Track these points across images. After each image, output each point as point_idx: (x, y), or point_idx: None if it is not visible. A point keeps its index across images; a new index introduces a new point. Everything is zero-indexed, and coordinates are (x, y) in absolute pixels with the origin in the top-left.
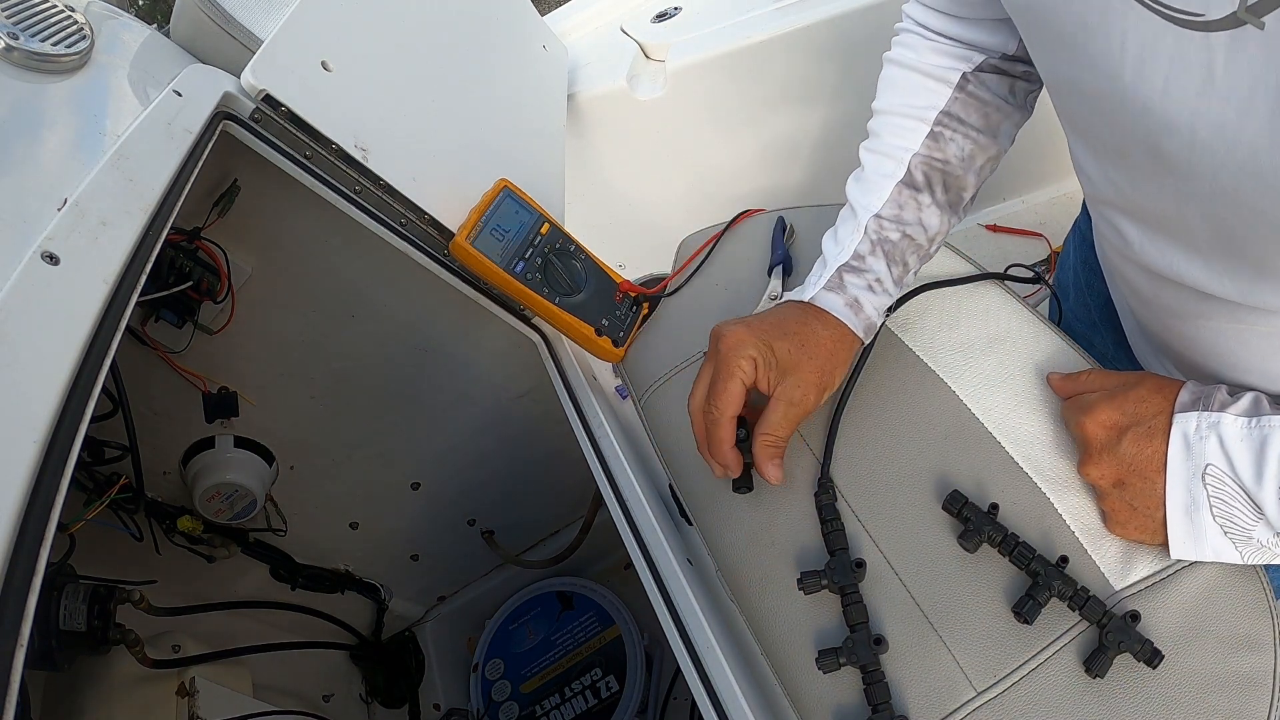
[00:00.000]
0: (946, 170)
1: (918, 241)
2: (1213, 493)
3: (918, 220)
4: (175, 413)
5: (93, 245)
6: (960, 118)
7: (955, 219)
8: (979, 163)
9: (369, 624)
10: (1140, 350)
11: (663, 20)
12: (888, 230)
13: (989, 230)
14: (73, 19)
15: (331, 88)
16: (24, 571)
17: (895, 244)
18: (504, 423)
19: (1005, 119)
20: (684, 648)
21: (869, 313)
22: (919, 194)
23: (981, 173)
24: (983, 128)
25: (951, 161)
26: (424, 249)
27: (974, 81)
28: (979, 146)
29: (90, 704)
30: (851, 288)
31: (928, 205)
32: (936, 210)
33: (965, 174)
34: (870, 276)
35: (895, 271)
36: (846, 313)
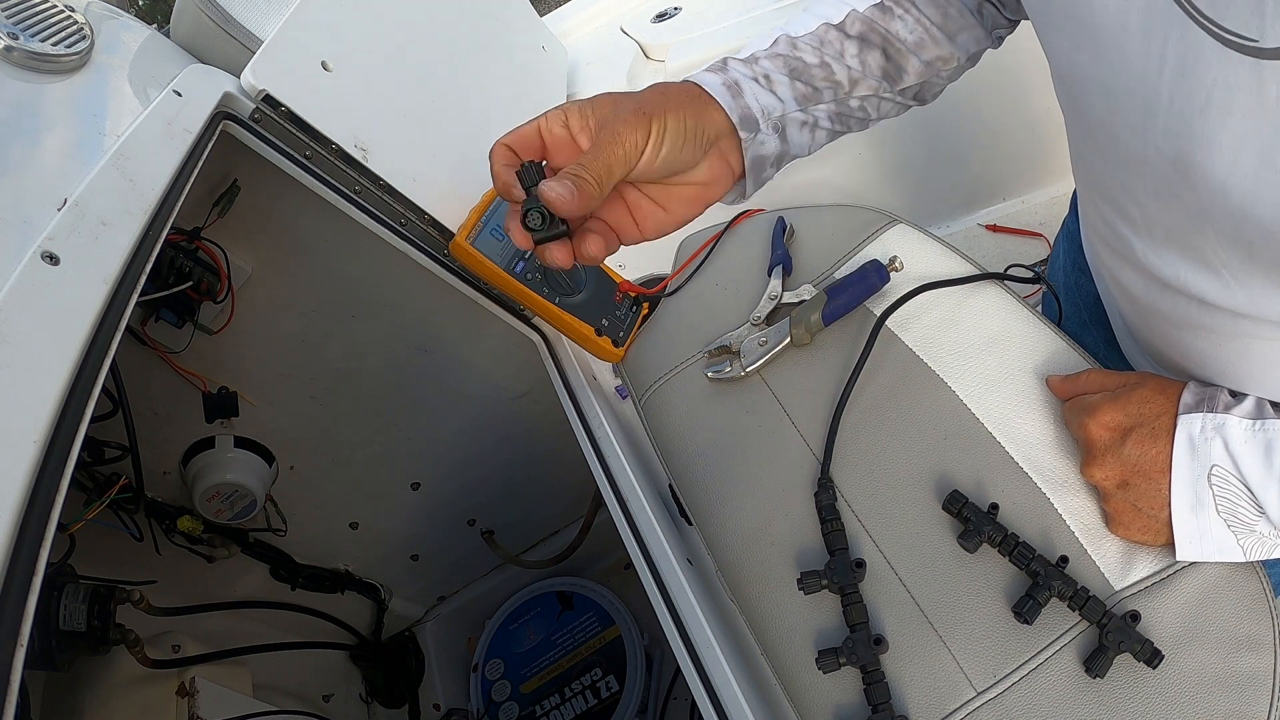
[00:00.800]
0: (888, 39)
1: (834, 76)
2: (1218, 492)
3: (839, 56)
4: (175, 413)
5: (93, 245)
6: (915, 2)
7: (890, 91)
8: (928, 54)
9: (369, 624)
10: (1129, 350)
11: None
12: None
13: (989, 230)
14: (73, 19)
15: (331, 88)
16: (24, 571)
17: (806, 66)
18: (504, 423)
19: (965, 29)
20: (684, 648)
21: (748, 100)
22: (847, 40)
23: (932, 66)
24: (938, 23)
25: (894, 35)
26: (424, 249)
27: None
28: (930, 38)
29: (90, 704)
30: (734, 70)
31: (852, 54)
32: (860, 62)
33: (908, 55)
34: (759, 69)
35: (799, 87)
36: (721, 90)
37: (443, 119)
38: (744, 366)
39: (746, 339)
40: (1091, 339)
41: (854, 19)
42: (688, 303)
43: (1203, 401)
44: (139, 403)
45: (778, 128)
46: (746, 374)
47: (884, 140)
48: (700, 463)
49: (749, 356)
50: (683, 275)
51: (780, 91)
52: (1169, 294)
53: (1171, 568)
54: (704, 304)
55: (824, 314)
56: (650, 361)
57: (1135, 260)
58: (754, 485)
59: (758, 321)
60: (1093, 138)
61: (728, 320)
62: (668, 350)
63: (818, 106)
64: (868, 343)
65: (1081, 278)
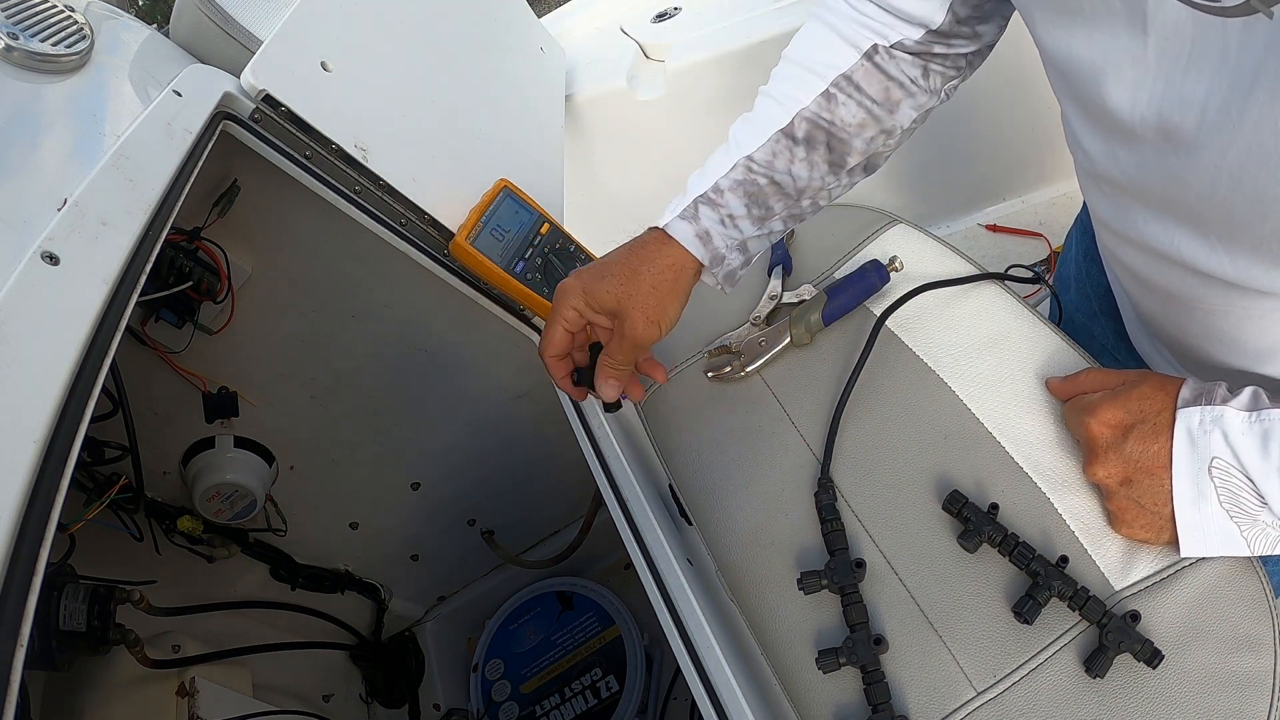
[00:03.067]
0: (832, 131)
1: (785, 190)
2: (1219, 484)
3: (788, 170)
4: (175, 413)
5: (93, 245)
6: (859, 85)
7: (835, 180)
8: (869, 133)
9: (369, 624)
10: (1138, 339)
11: (663, 20)
12: (756, 174)
13: (989, 230)
14: (73, 19)
15: (331, 88)
16: (24, 571)
17: (761, 189)
18: (504, 423)
19: (907, 98)
20: (684, 648)
21: (718, 244)
22: (795, 146)
23: (872, 144)
24: (880, 100)
25: (838, 124)
26: (424, 249)
27: (883, 54)
28: (871, 117)
29: (90, 704)
30: (704, 219)
31: (801, 159)
32: (808, 166)
33: (851, 139)
34: (724, 211)
35: (755, 212)
36: (694, 243)
37: (442, 119)
38: (744, 366)
39: (746, 339)
40: (1101, 330)
41: (800, 120)
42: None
43: (1200, 395)
44: (139, 403)
45: (741, 249)
46: (746, 374)
47: None
48: (700, 463)
49: (749, 356)
50: None
51: (741, 225)
52: (1167, 266)
53: (1172, 568)
54: (704, 304)
55: (824, 314)
56: None
57: (1134, 235)
58: (754, 485)
59: (758, 321)
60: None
61: (728, 320)
62: (668, 350)
63: (772, 220)
64: (868, 343)
65: (1093, 268)
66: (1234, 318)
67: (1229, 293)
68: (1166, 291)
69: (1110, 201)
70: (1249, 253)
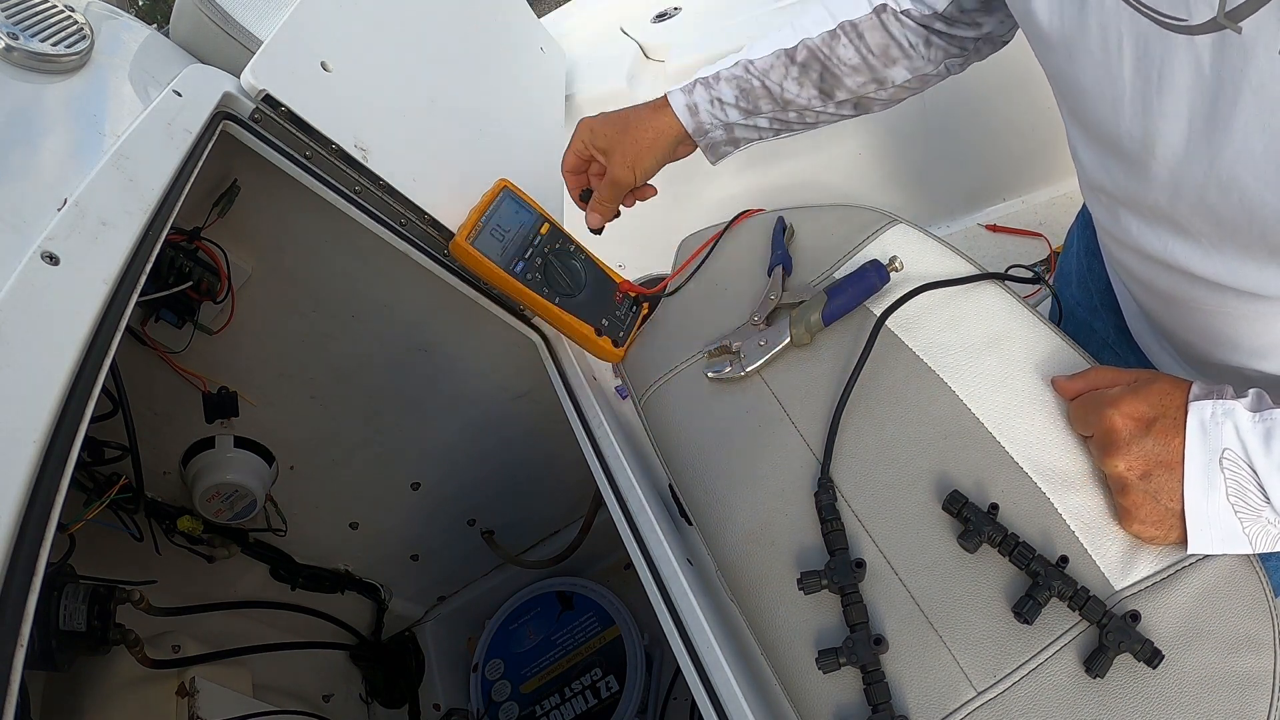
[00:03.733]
0: (827, 64)
1: (774, 97)
2: (1229, 475)
3: (779, 83)
4: (175, 413)
5: (93, 245)
6: (862, 34)
7: (823, 106)
8: (861, 78)
9: (369, 624)
10: (1140, 334)
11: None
12: (751, 74)
13: (989, 230)
14: (73, 19)
15: (331, 88)
16: (24, 571)
17: (753, 89)
18: (504, 423)
19: (903, 59)
20: (684, 648)
21: (703, 118)
22: (791, 66)
23: (863, 88)
24: (878, 52)
25: (834, 60)
26: (424, 249)
27: (890, 15)
28: (865, 64)
29: (90, 704)
30: (697, 95)
31: (793, 78)
32: (798, 85)
33: (843, 77)
34: (714, 94)
35: (743, 104)
36: (684, 111)
37: (442, 119)
38: (744, 366)
39: (746, 339)
40: (1102, 325)
41: (802, 47)
42: (688, 303)
43: (1211, 392)
44: (139, 403)
45: (727, 130)
46: (746, 374)
47: (884, 140)
48: (700, 463)
49: (749, 356)
50: (683, 275)
51: (729, 112)
52: (1161, 270)
53: (1172, 567)
54: (704, 304)
55: (824, 314)
56: (650, 361)
57: (1129, 242)
58: (754, 485)
59: (758, 321)
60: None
61: (728, 320)
62: (668, 350)
63: (758, 116)
64: (868, 343)
65: (1095, 264)
66: (1230, 318)
67: (1223, 295)
68: (1164, 294)
69: (1105, 209)
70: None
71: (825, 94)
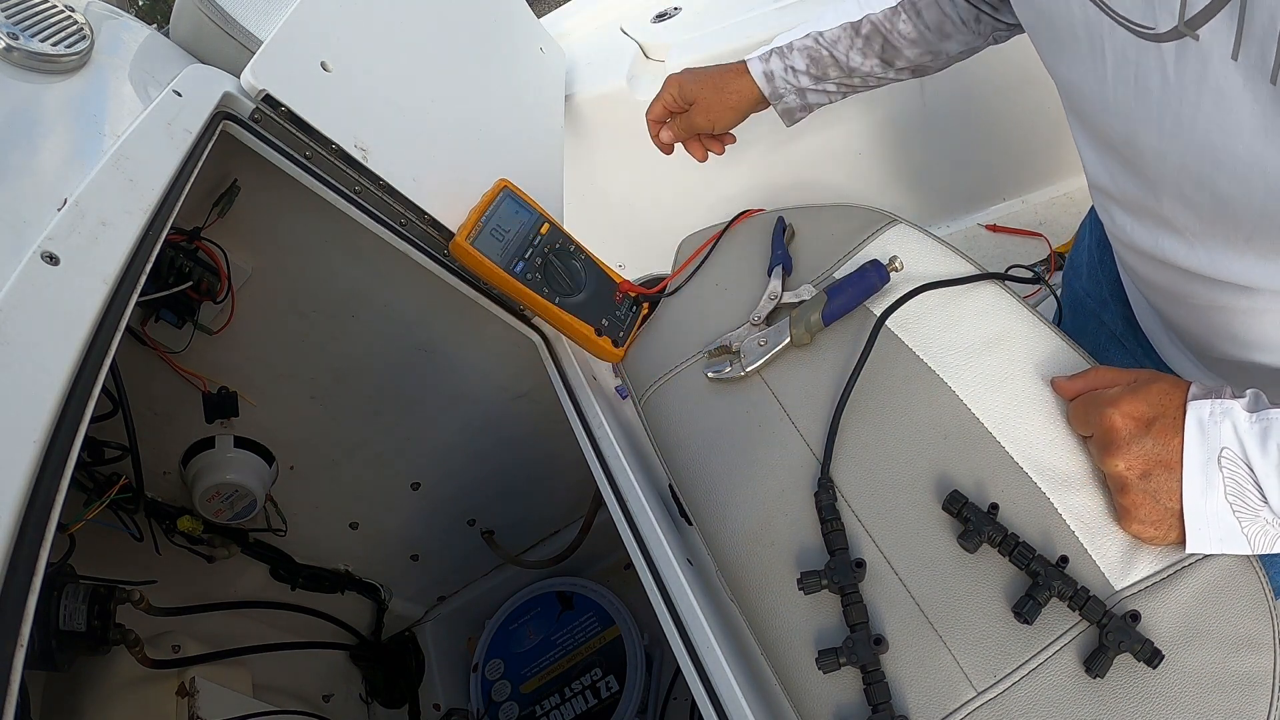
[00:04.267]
0: (888, 37)
1: (840, 65)
2: (1227, 474)
3: (845, 53)
4: (175, 413)
5: (93, 245)
6: (920, 11)
7: (883, 73)
8: (918, 49)
9: (369, 624)
10: (1149, 327)
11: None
12: (821, 45)
13: (989, 230)
14: (73, 19)
15: (331, 88)
16: (24, 571)
17: (822, 58)
18: (504, 423)
19: (956, 34)
20: (684, 648)
21: (778, 84)
22: (856, 38)
23: (920, 58)
24: (933, 28)
25: (895, 34)
26: (424, 249)
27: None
28: (923, 38)
29: (90, 704)
30: (773, 64)
31: (858, 49)
32: (862, 55)
33: (902, 49)
34: (788, 62)
35: (814, 72)
36: (761, 78)
37: (442, 119)
38: (744, 366)
39: (746, 339)
40: (1111, 316)
41: (866, 21)
42: (688, 303)
43: (1210, 392)
44: (139, 403)
45: (800, 95)
46: (746, 374)
47: (884, 140)
48: (700, 463)
49: (749, 356)
50: (683, 275)
51: (800, 78)
52: (1157, 265)
53: (1172, 567)
54: (704, 304)
55: (824, 314)
56: (650, 361)
57: (1126, 237)
58: (754, 485)
59: (758, 321)
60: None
61: (728, 320)
62: (668, 350)
63: (827, 82)
64: (868, 343)
65: (1105, 255)
66: (1225, 313)
67: (1214, 288)
68: (1163, 289)
69: (1102, 206)
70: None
71: (886, 63)
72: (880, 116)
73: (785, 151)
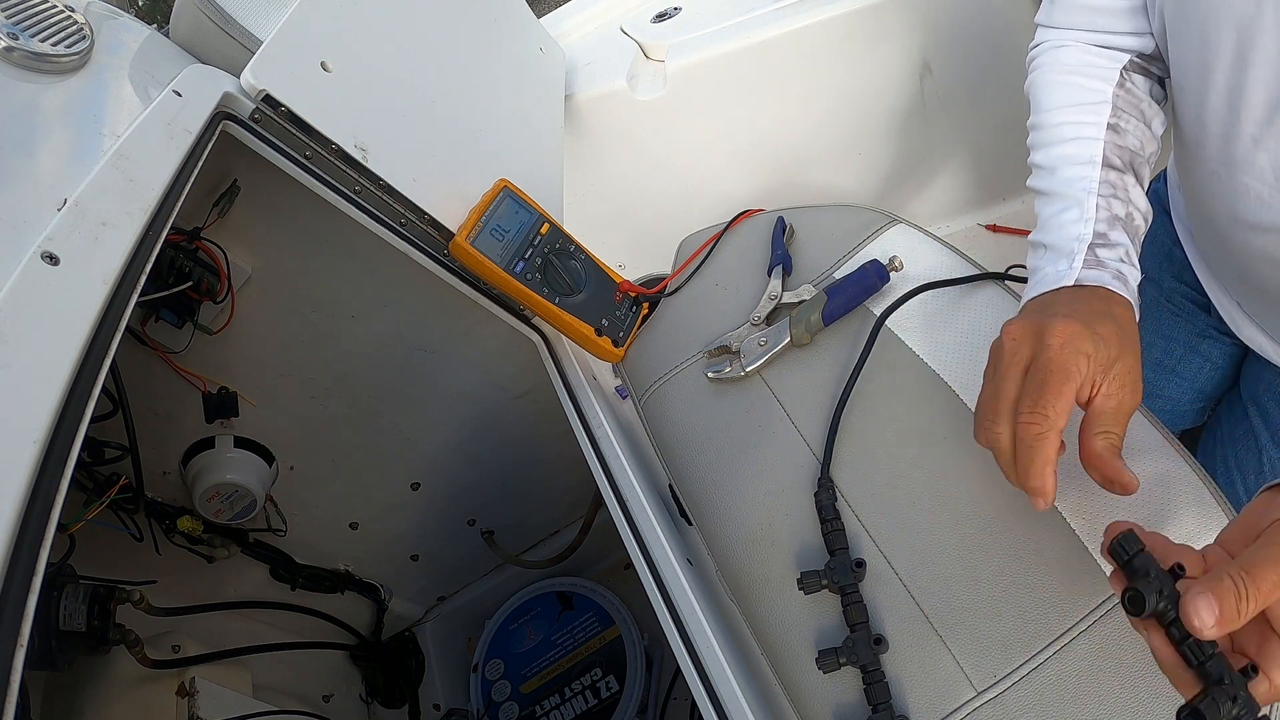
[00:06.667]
0: (1134, 157)
1: (1135, 221)
2: None
3: (1129, 199)
4: (175, 413)
5: (93, 245)
6: (1126, 111)
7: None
8: (1149, 152)
9: (369, 624)
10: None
11: (663, 20)
12: (1115, 207)
13: (989, 230)
14: (73, 19)
15: (331, 88)
16: (24, 571)
17: (1124, 219)
18: (504, 423)
19: (1155, 116)
20: (684, 648)
21: (1132, 285)
22: (1124, 175)
23: (1151, 162)
24: (1142, 120)
25: (1133, 149)
26: (424, 249)
27: (1128, 79)
28: (1146, 138)
29: (90, 704)
30: (1110, 262)
31: (1134, 186)
32: (1140, 192)
33: (1145, 164)
34: (1120, 250)
35: (1136, 246)
36: (1117, 285)
37: (443, 119)
38: (744, 366)
39: (746, 339)
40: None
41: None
42: (688, 303)
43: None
44: (139, 403)
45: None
46: (746, 374)
47: (884, 140)
48: (700, 463)
49: (749, 356)
50: (683, 275)
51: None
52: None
53: None
54: (704, 304)
55: (824, 314)
56: (650, 361)
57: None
58: (754, 485)
59: (758, 321)
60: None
61: (728, 320)
62: (668, 350)
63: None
64: (868, 343)
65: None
66: None
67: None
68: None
69: (1237, 190)
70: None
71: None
72: (880, 116)
73: (785, 151)
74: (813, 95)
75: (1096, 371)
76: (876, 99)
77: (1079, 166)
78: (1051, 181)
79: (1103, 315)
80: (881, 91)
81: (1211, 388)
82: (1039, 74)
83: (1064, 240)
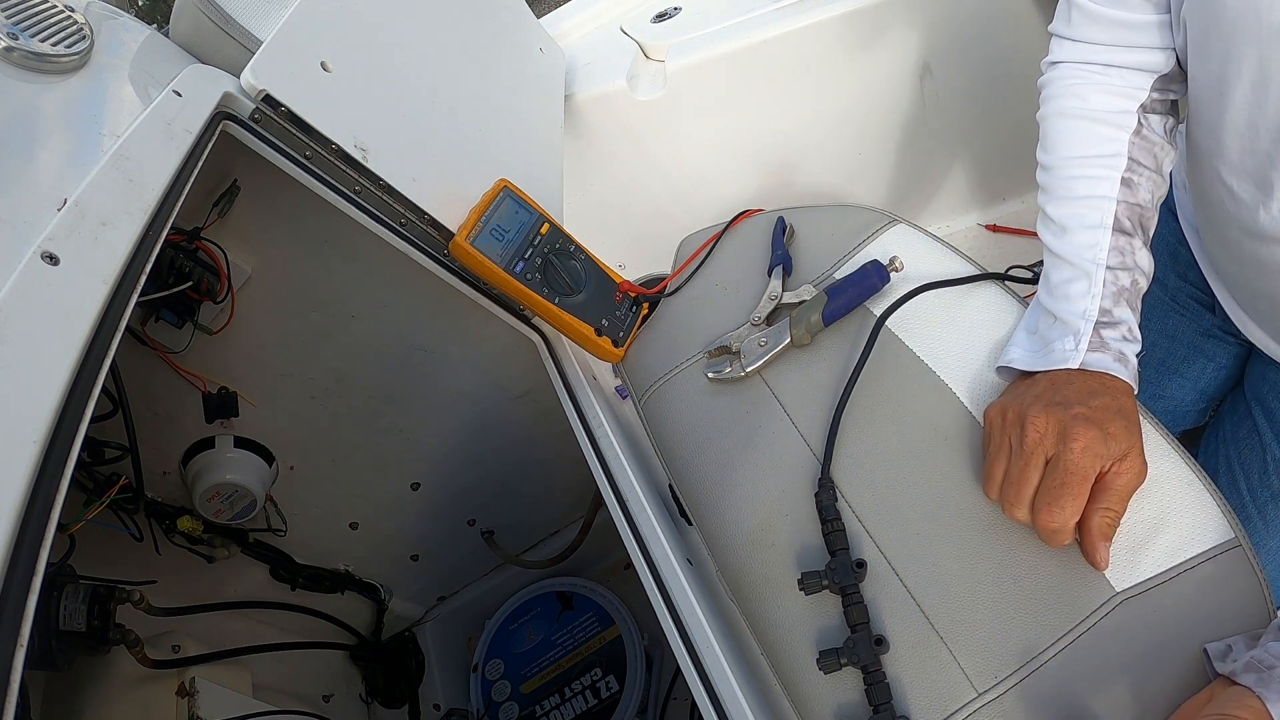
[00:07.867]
0: (1143, 214)
1: (1139, 286)
2: None
3: (1135, 264)
4: (175, 413)
5: (93, 245)
6: (1140, 161)
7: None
8: (1158, 199)
9: (369, 624)
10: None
11: (663, 20)
12: (1121, 279)
13: (989, 230)
14: (72, 19)
15: (331, 88)
16: (24, 571)
17: (1129, 289)
18: (504, 423)
19: (1166, 157)
20: (684, 648)
21: (1132, 362)
22: (1131, 239)
23: (1158, 207)
24: (1155, 168)
25: (1144, 204)
26: (424, 249)
27: (1144, 124)
28: (1157, 185)
29: (90, 704)
30: (1113, 343)
31: (1140, 249)
32: (1146, 252)
33: (1153, 214)
34: (1123, 328)
35: (1137, 313)
36: (1119, 368)
37: (443, 119)
38: (744, 367)
39: (746, 339)
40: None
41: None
42: (688, 303)
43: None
44: (139, 403)
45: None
46: (746, 374)
47: (884, 140)
48: (700, 463)
49: (749, 357)
50: (683, 275)
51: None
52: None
53: (1177, 569)
54: (704, 304)
55: (824, 314)
56: (650, 361)
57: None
58: (754, 485)
59: (758, 321)
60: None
61: (728, 320)
62: (668, 350)
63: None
64: (868, 343)
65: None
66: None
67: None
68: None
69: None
70: None
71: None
72: (880, 116)
73: (785, 151)
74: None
75: (1108, 463)
76: (877, 99)
77: (1090, 231)
78: (1062, 244)
79: (1113, 412)
80: (882, 91)
81: (1214, 388)
82: (1053, 107)
83: (1071, 316)
